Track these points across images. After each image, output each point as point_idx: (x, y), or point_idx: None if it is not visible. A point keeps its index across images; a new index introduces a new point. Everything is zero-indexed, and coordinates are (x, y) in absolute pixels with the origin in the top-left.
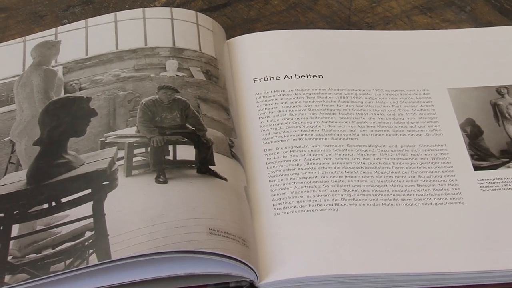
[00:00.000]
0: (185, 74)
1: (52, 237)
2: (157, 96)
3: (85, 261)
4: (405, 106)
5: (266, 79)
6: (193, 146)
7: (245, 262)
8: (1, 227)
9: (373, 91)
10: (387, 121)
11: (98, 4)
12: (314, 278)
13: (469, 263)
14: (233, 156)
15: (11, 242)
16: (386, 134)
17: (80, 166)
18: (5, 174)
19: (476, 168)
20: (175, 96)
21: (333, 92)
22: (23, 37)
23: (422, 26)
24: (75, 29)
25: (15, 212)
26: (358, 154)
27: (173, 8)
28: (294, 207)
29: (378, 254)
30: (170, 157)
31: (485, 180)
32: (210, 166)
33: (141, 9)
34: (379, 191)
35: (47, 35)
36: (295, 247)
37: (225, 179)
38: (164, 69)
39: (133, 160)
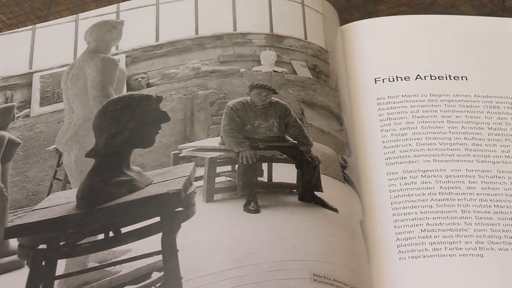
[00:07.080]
0: (286, 70)
1: (108, 278)
2: (249, 98)
3: None
4: None
5: (391, 79)
6: (294, 165)
7: None
8: (43, 262)
9: None
10: None
11: None
12: None
13: None
14: (346, 180)
15: (56, 282)
16: None
17: (146, 186)
18: (48, 194)
19: None
20: (272, 98)
21: (480, 100)
22: (74, 15)
23: None
24: (143, 7)
25: (61, 243)
26: (511, 183)
27: None
28: (425, 250)
29: None
30: (264, 178)
31: None
32: (315, 192)
33: None
34: None
35: (106, 13)
36: None
37: (335, 210)
38: (258, 62)
39: (216, 181)
